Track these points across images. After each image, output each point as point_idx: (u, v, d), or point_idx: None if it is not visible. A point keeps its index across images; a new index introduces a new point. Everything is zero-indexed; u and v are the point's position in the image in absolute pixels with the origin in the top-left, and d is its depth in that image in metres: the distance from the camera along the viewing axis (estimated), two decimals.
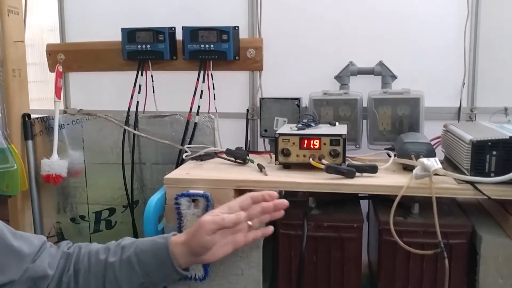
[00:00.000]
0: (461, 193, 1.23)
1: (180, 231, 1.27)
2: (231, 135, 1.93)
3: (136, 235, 1.96)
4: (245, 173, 1.38)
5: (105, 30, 2.00)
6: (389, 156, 1.49)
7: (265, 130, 1.80)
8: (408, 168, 1.37)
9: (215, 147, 1.79)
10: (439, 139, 1.58)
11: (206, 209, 1.26)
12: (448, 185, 1.23)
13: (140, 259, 1.00)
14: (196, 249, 1.02)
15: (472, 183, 1.21)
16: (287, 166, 1.42)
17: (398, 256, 1.30)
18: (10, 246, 0.94)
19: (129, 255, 1.01)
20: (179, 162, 1.86)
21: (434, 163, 1.19)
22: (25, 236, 1.00)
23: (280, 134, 1.39)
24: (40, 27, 2.24)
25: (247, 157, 1.48)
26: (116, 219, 2.02)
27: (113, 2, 2.02)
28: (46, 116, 2.00)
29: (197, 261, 1.05)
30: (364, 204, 1.58)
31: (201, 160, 1.55)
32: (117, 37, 1.92)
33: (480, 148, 1.20)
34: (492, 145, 1.19)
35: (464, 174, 1.23)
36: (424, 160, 1.20)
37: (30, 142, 1.94)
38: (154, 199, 1.31)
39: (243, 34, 1.89)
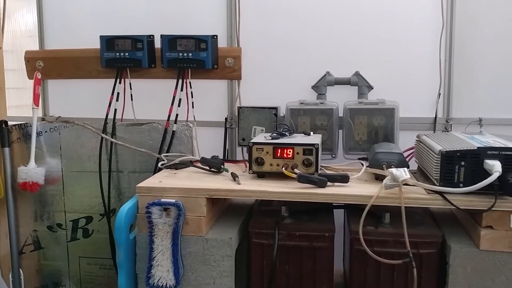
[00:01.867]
0: (430, 203, 1.24)
1: (151, 239, 1.27)
2: (209, 143, 1.93)
3: (112, 244, 1.95)
4: (218, 182, 1.38)
5: (84, 37, 2.00)
6: (362, 165, 1.50)
7: (243, 139, 1.80)
8: (380, 178, 1.38)
9: (193, 155, 1.79)
10: (413, 150, 1.60)
11: (178, 218, 1.26)
12: (418, 195, 1.24)
13: None
14: None
15: (441, 193, 1.22)
16: (261, 175, 1.42)
17: (369, 266, 1.30)
18: None
19: None
20: (156, 170, 1.86)
21: (403, 173, 1.20)
22: None
23: (254, 143, 1.40)
24: (19, 33, 2.23)
25: (222, 166, 1.49)
26: (93, 228, 2.00)
27: (93, 10, 2.02)
28: (23, 123, 1.98)
29: None
30: (341, 214, 1.59)
31: (176, 169, 1.55)
32: (96, 44, 1.93)
33: (449, 159, 1.21)
34: (460, 155, 1.21)
35: (434, 184, 1.25)
36: (394, 170, 1.22)
37: (7, 150, 1.92)
38: (126, 207, 1.31)
39: (222, 43, 1.90)
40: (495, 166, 1.15)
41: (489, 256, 1.22)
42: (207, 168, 1.50)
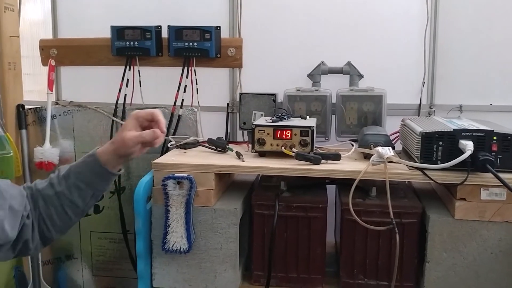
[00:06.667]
0: (411, 178, 1.42)
1: (167, 209, 1.44)
2: (212, 127, 2.08)
3: (123, 220, 2.12)
4: (224, 160, 1.54)
5: (95, 27, 2.14)
6: (352, 146, 1.67)
7: (244, 123, 1.96)
8: (368, 157, 1.54)
9: (197, 137, 1.95)
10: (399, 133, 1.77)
11: (190, 190, 1.43)
12: (401, 171, 1.42)
13: (82, 179, 1.20)
14: (123, 155, 1.23)
15: (421, 169, 1.39)
16: (262, 154, 1.59)
17: (357, 233, 1.48)
18: None
19: (73, 180, 1.20)
20: (164, 151, 2.01)
21: (387, 151, 1.37)
22: None
23: (256, 125, 1.56)
24: (31, 21, 2.35)
25: (227, 146, 1.65)
26: (104, 204, 2.16)
27: (102, 2, 2.16)
28: (39, 107, 2.13)
29: (124, 161, 1.28)
30: (333, 191, 1.76)
31: (185, 148, 1.71)
32: (107, 33, 2.07)
33: (428, 139, 1.39)
34: (438, 136, 1.38)
35: (415, 161, 1.42)
36: (379, 149, 1.39)
37: (24, 131, 2.06)
38: (143, 181, 1.47)
39: (224, 34, 2.05)
40: (468, 146, 1.32)
41: (462, 224, 1.40)
42: (214, 147, 1.66)
